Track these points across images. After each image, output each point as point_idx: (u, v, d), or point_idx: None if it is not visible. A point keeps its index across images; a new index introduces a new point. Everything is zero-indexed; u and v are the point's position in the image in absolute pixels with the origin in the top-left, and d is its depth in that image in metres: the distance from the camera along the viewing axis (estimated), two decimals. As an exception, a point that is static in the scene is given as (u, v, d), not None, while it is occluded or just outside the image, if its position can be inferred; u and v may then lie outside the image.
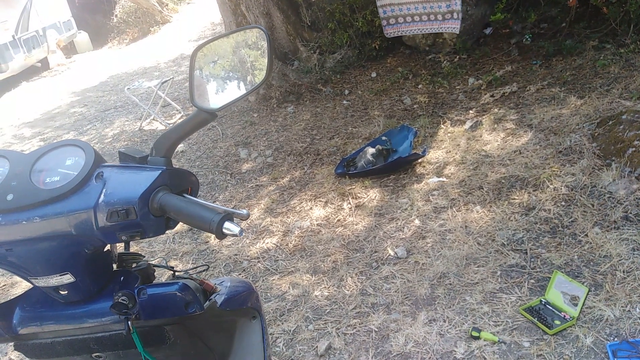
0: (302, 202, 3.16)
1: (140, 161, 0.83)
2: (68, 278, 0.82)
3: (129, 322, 0.84)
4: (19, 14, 9.49)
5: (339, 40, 5.28)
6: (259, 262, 2.70)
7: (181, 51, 9.25)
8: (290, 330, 2.15)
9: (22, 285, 2.86)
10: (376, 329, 2.05)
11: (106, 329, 0.87)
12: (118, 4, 12.25)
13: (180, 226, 3.17)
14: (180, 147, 4.39)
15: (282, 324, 2.20)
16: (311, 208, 3.08)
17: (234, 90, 0.87)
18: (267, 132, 4.40)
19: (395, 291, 2.23)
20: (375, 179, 3.21)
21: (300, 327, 2.17)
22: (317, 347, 2.03)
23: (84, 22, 11.93)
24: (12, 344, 0.92)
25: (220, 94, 0.87)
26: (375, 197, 3.03)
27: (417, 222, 2.69)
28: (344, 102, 4.64)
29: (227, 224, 0.74)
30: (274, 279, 2.51)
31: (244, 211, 0.77)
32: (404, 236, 2.61)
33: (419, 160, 3.26)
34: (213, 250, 2.90)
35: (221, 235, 0.75)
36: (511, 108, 3.69)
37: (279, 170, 3.67)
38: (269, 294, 2.41)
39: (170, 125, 5.24)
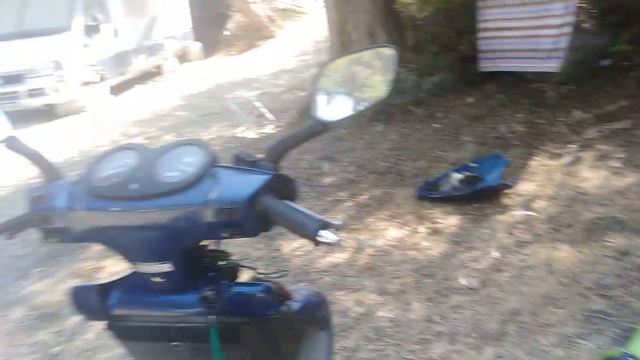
0: (377, 221, 3.12)
1: (251, 164, 0.87)
2: (168, 267, 0.88)
3: (211, 317, 0.87)
4: (147, 24, 10.55)
5: (440, 63, 5.19)
6: (327, 275, 2.70)
7: (282, 66, 9.68)
8: (349, 348, 2.12)
9: (106, 271, 3.10)
10: (438, 358, 1.95)
11: (189, 320, 0.91)
12: (232, 19, 13.14)
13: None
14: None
15: (342, 340, 2.17)
16: (386, 228, 3.03)
17: (352, 106, 0.90)
18: (353, 149, 4.42)
19: (463, 322, 2.12)
20: (457, 206, 3.09)
21: (360, 346, 2.12)
22: (374, 368, 1.97)
23: (199, 33, 12.93)
24: (101, 323, 0.98)
25: (339, 108, 0.90)
26: (455, 223, 2.91)
27: (495, 254, 2.54)
28: (435, 125, 4.54)
29: (324, 232, 0.76)
30: (339, 294, 2.49)
31: (339, 222, 0.79)
32: (479, 267, 2.47)
33: (507, 191, 3.08)
34: (284, 258, 2.95)
35: (317, 242, 0.76)
36: (619, 146, 3.37)
37: (359, 187, 3.66)
38: (332, 309, 2.38)
39: (273, 134, 5.47)
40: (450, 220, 2.95)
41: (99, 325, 2.55)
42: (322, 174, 4.04)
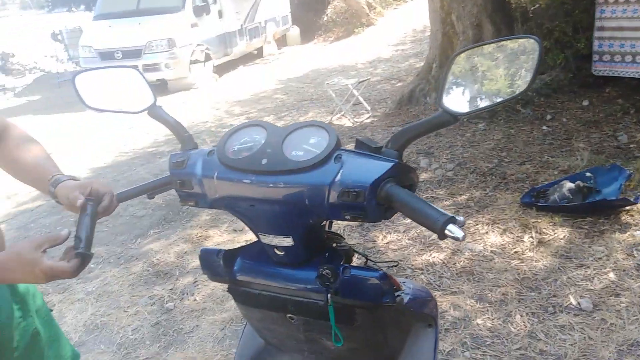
0: (477, 225, 3.01)
1: (375, 151, 0.88)
2: (289, 241, 0.92)
3: (329, 295, 0.89)
4: (250, 7, 10.91)
5: (552, 60, 4.84)
6: (422, 273, 2.67)
7: (379, 54, 9.57)
8: (444, 351, 2.08)
9: (213, 240, 3.31)
10: (542, 380, 1.86)
11: (306, 296, 0.94)
12: (331, 4, 13.20)
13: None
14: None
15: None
16: (487, 232, 2.91)
17: (485, 99, 0.87)
18: (452, 146, 4.28)
19: (572, 345, 1.99)
20: (568, 218, 2.89)
21: (456, 350, 2.08)
22: (470, 377, 1.93)
23: (297, 18, 13.16)
24: (218, 285, 1.05)
25: (470, 100, 0.88)
26: (564, 236, 2.73)
27: (611, 275, 2.34)
28: (544, 127, 4.26)
29: (451, 226, 0.75)
30: (434, 295, 2.45)
31: (462, 218, 0.77)
32: (592, 287, 2.30)
33: (627, 208, 2.82)
34: (379, 250, 2.95)
35: (443, 236, 0.76)
36: None
37: (458, 187, 3.55)
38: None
39: (366, 120, 5.48)
40: (559, 232, 2.77)
41: (207, 290, 2.76)
42: (419, 168, 3.97)
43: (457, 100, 0.88)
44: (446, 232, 0.76)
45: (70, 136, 6.69)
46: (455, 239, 0.75)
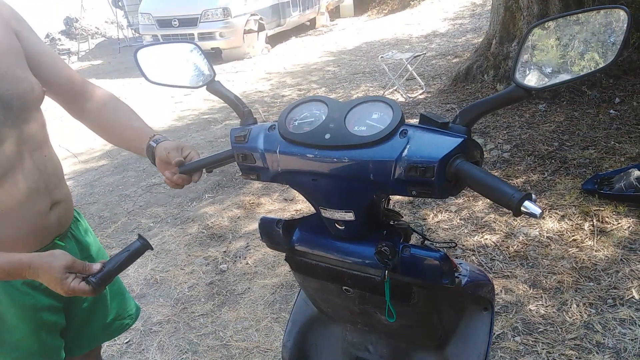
0: (524, 217, 2.91)
1: (441, 126, 0.86)
2: (350, 216, 0.92)
3: (386, 272, 0.90)
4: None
5: (625, 39, 4.53)
6: (473, 254, 2.63)
7: (435, 28, 9.27)
8: (494, 334, 2.06)
9: (264, 207, 3.38)
10: (597, 371, 1.82)
11: (363, 270, 0.95)
12: (387, -24, 12.82)
13: (402, 197, 3.29)
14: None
15: (486, 324, 2.11)
16: (544, 218, 2.82)
17: (563, 73, 0.82)
18: (510, 126, 4.13)
19: (632, 339, 1.92)
20: (634, 208, 2.74)
21: (506, 334, 2.05)
22: (521, 361, 1.90)
23: (352, -11, 12.88)
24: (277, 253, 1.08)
25: (547, 74, 0.83)
26: (629, 227, 2.60)
27: (679, 271, 2.23)
28: (611, 111, 4.02)
29: (527, 203, 0.73)
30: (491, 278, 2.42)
31: (534, 195, 0.75)
32: (657, 282, 2.19)
33: (701, 201, 2.65)
34: (429, 229, 2.93)
35: (519, 212, 0.73)
36: None
37: (515, 169, 3.44)
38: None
39: (417, 96, 5.37)
40: (622, 223, 2.65)
41: (259, 255, 2.84)
42: (474, 149, 3.86)
43: (532, 74, 0.84)
44: (522, 208, 0.73)
45: (129, 100, 6.92)
46: (532, 215, 0.73)
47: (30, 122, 1.08)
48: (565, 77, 0.82)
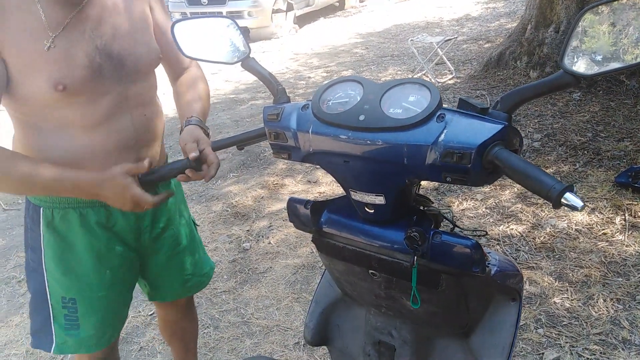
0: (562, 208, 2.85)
1: (481, 112, 0.83)
2: (380, 200, 0.90)
3: (415, 257, 0.89)
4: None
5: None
6: (497, 244, 2.59)
7: (467, 11, 9.04)
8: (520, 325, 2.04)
9: (288, 189, 3.39)
10: (622, 368, 1.78)
11: (391, 255, 0.94)
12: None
13: (427, 183, 3.25)
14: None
15: (509, 314, 2.09)
16: (585, 210, 2.75)
17: (615, 61, 0.78)
18: (541, 115, 4.03)
19: (660, 338, 1.87)
20: (669, 203, 2.66)
21: (529, 326, 2.03)
22: (543, 354, 1.88)
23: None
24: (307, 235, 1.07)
25: (598, 60, 0.80)
26: (662, 223, 2.52)
27: None
28: (651, 102, 3.88)
29: (569, 195, 0.70)
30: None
31: (575, 188, 0.72)
32: (690, 281, 2.13)
33: None
34: (453, 217, 2.89)
35: (558, 205, 0.71)
36: None
37: (545, 159, 3.36)
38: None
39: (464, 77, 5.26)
40: (656, 218, 2.57)
41: (281, 235, 2.86)
42: (503, 137, 3.77)
43: (581, 61, 0.81)
44: (563, 200, 0.71)
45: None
46: (574, 208, 0.70)
47: (138, 82, 1.19)
48: (616, 65, 0.79)
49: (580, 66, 0.78)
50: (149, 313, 2.37)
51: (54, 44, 1.03)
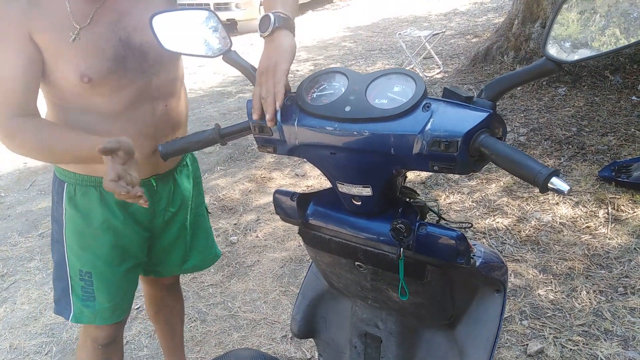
0: (548, 193, 2.88)
1: (465, 100, 0.83)
2: (367, 191, 0.90)
3: (401, 249, 0.89)
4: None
5: (653, 24, 4.38)
6: (483, 237, 2.61)
7: (454, 6, 9.07)
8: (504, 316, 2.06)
9: (276, 182, 3.38)
10: (604, 358, 1.81)
11: (377, 247, 0.94)
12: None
13: (413, 177, 3.26)
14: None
15: (494, 306, 2.11)
16: (557, 203, 2.79)
17: (597, 46, 0.79)
18: (527, 110, 4.06)
19: (641, 329, 1.91)
20: (651, 197, 2.70)
21: (514, 318, 2.05)
22: (527, 345, 1.90)
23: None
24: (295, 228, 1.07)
25: (581, 46, 0.80)
26: (644, 216, 2.57)
27: (694, 263, 2.20)
28: (634, 97, 3.93)
29: (555, 179, 0.71)
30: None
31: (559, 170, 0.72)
32: (670, 273, 2.17)
33: None
34: (440, 210, 2.91)
35: (545, 189, 0.72)
36: None
37: (530, 153, 3.39)
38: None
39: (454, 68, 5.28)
40: (638, 212, 2.60)
41: (269, 229, 2.84)
42: (490, 131, 3.80)
43: (563, 47, 0.81)
44: (549, 185, 0.72)
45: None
46: (560, 192, 0.71)
47: (161, 73, 1.20)
48: (596, 51, 0.79)
49: (562, 53, 0.79)
50: (135, 307, 2.35)
51: (79, 36, 1.07)
